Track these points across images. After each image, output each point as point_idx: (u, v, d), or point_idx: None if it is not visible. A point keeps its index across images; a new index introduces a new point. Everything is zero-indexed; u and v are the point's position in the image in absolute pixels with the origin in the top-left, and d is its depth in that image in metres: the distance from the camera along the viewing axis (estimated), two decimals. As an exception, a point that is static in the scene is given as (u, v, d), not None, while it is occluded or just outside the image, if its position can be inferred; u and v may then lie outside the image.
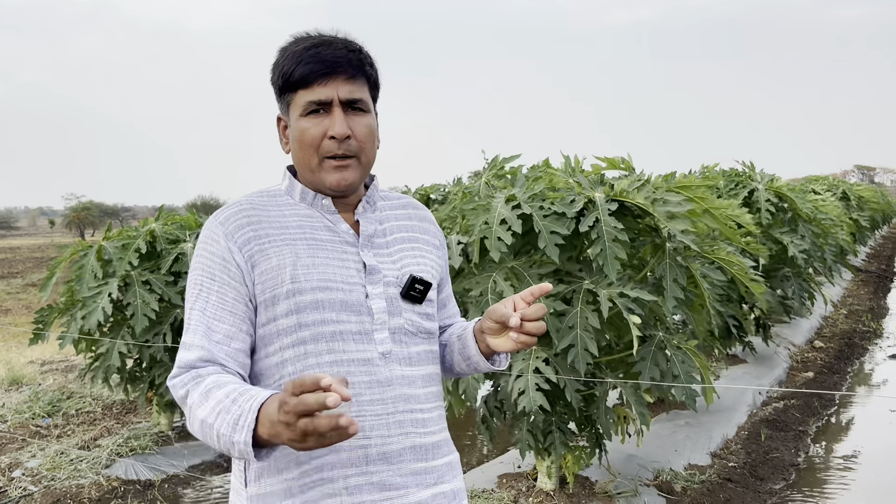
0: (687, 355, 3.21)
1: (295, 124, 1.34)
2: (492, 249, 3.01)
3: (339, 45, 1.33)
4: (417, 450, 1.34)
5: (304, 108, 1.32)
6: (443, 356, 1.54)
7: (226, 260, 1.29)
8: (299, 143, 1.33)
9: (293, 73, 1.31)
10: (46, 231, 54.17)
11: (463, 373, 1.54)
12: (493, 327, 1.39)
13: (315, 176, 1.35)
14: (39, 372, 6.81)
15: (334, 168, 1.33)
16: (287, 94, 1.34)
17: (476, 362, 1.48)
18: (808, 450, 4.97)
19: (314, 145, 1.32)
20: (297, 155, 1.35)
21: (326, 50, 1.31)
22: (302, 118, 1.32)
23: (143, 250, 4.36)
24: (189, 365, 1.25)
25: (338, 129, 1.30)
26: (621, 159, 3.42)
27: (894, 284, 14.45)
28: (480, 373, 1.51)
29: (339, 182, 1.34)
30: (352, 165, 1.34)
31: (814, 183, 11.17)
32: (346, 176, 1.34)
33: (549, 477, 3.69)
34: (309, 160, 1.33)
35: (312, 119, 1.32)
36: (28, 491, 4.01)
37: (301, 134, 1.33)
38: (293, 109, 1.34)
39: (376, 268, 1.35)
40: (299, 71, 1.30)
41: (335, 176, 1.33)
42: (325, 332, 1.29)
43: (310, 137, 1.32)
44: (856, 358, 7.79)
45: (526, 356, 3.16)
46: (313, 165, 1.33)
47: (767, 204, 5.81)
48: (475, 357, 1.47)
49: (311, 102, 1.31)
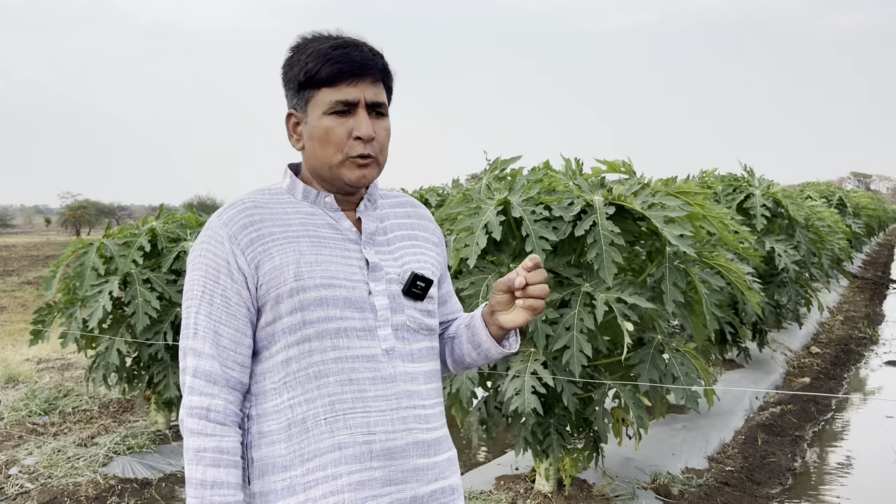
0: (686, 358, 3.22)
1: (316, 122, 1.34)
2: (470, 255, 3.04)
3: (365, 48, 1.35)
4: (420, 445, 1.35)
5: (329, 106, 1.33)
6: (451, 349, 1.55)
7: (230, 263, 1.30)
8: (322, 141, 1.34)
9: (320, 71, 1.32)
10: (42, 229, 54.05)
11: (474, 363, 1.54)
12: (501, 300, 1.41)
13: (333, 172, 1.36)
14: (36, 370, 6.79)
15: (357, 166, 1.35)
16: (308, 91, 1.35)
17: (487, 348, 1.49)
18: (805, 455, 4.99)
19: (339, 145, 1.34)
20: (316, 152, 1.36)
21: (355, 52, 1.33)
22: (325, 116, 1.33)
23: (147, 249, 4.36)
24: (207, 408, 1.28)
25: (364, 130, 1.33)
26: (622, 162, 3.44)
27: (890, 291, 14.50)
28: (491, 361, 1.53)
29: (359, 179, 1.35)
30: (371, 165, 1.36)
31: (809, 189, 11.21)
32: (367, 174, 1.36)
33: (547, 479, 3.70)
34: (331, 158, 1.35)
35: (337, 119, 1.33)
36: (25, 488, 4.01)
37: (325, 132, 1.34)
38: (314, 107, 1.35)
39: (379, 265, 1.37)
40: (328, 70, 1.31)
41: (357, 173, 1.35)
42: (329, 329, 1.30)
43: (335, 136, 1.33)
44: (852, 364, 7.81)
45: (524, 358, 3.17)
46: (335, 163, 1.35)
47: (763, 209, 5.83)
48: (486, 342, 1.48)
49: (339, 102, 1.32)
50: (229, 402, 1.29)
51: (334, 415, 1.29)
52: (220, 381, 1.29)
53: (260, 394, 1.33)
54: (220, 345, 1.29)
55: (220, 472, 1.26)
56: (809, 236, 6.29)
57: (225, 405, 1.29)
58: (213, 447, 1.27)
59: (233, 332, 1.30)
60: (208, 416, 1.28)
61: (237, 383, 1.31)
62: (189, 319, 1.31)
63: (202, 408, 1.28)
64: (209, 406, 1.28)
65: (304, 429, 1.29)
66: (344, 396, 1.30)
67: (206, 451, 1.26)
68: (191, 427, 1.28)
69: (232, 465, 1.28)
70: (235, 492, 1.27)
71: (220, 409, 1.28)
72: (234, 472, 1.28)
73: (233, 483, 1.27)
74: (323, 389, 1.29)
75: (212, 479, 1.26)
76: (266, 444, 1.30)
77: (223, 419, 1.28)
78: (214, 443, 1.27)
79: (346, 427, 1.29)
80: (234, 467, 1.28)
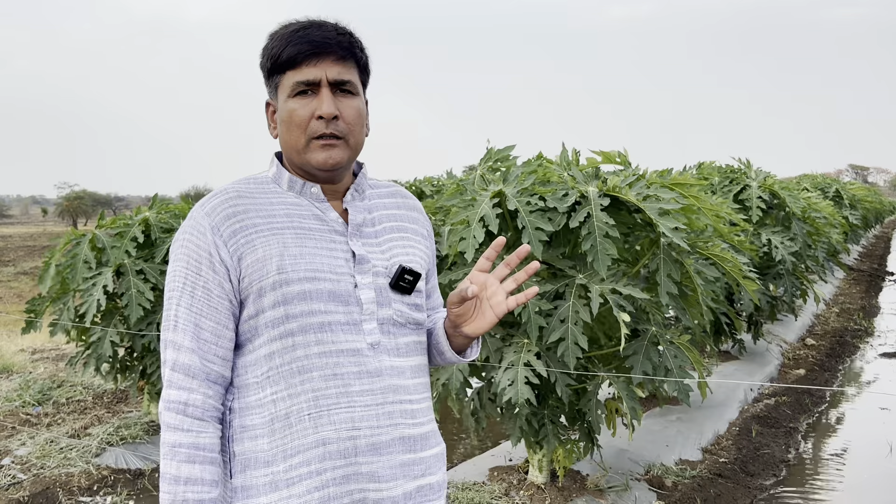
0: (680, 350, 3.21)
1: (283, 106, 1.32)
2: (468, 249, 3.02)
3: (328, 27, 1.32)
4: (406, 441, 1.33)
5: (291, 88, 1.31)
6: (428, 345, 1.53)
7: (211, 255, 1.28)
8: (287, 125, 1.32)
9: (282, 54, 1.30)
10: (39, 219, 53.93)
11: (438, 364, 1.54)
12: (459, 312, 1.38)
13: (301, 157, 1.33)
14: (30, 360, 6.78)
15: (321, 147, 1.31)
16: (275, 77, 1.33)
17: (449, 358, 1.48)
18: (799, 446, 4.99)
19: (302, 126, 1.31)
20: (284, 137, 1.34)
21: (316, 31, 1.30)
22: (290, 99, 1.31)
23: (140, 239, 4.33)
24: (184, 402, 1.26)
25: (325, 108, 1.29)
26: (617, 153, 3.42)
27: (886, 283, 14.51)
28: (458, 364, 1.53)
29: (325, 160, 1.32)
30: (339, 146, 1.32)
31: (805, 181, 11.20)
32: (333, 154, 1.32)
33: (541, 470, 3.69)
34: (296, 141, 1.32)
35: (300, 100, 1.31)
36: (17, 479, 4.00)
37: (289, 115, 1.31)
38: (281, 91, 1.33)
39: (365, 257, 1.34)
40: (288, 52, 1.29)
41: (322, 154, 1.31)
42: (313, 323, 1.28)
43: (298, 118, 1.31)
44: (847, 356, 7.82)
45: (517, 349, 3.15)
46: (300, 146, 1.32)
47: (759, 201, 5.82)
48: (447, 353, 1.47)
49: (300, 83, 1.30)
50: (208, 397, 1.28)
51: (318, 410, 1.27)
52: (199, 376, 1.27)
53: (243, 387, 1.31)
54: (200, 338, 1.27)
55: (194, 468, 1.24)
56: (806, 228, 6.28)
57: (203, 400, 1.27)
58: (188, 443, 1.25)
59: (214, 324, 1.28)
60: (186, 410, 1.26)
61: (218, 377, 1.29)
62: (170, 312, 1.29)
63: (180, 402, 1.26)
64: (187, 400, 1.26)
65: (288, 424, 1.27)
66: (328, 391, 1.28)
67: (181, 446, 1.25)
68: (168, 421, 1.26)
69: (208, 461, 1.26)
70: (210, 489, 1.26)
71: (199, 404, 1.26)
72: (210, 469, 1.26)
73: (207, 480, 1.25)
74: (307, 384, 1.27)
75: (186, 475, 1.24)
76: (248, 439, 1.29)
77: (201, 414, 1.26)
78: (191, 438, 1.25)
79: (330, 423, 1.27)
80: (209, 464, 1.26)
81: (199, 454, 1.25)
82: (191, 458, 1.25)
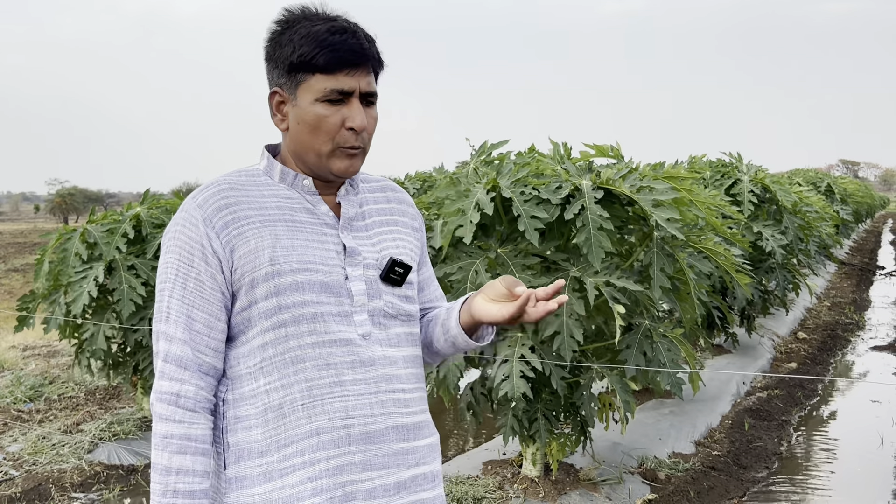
0: (673, 343, 3.22)
1: (308, 108, 1.30)
2: (465, 234, 3.01)
3: (361, 35, 1.31)
4: (400, 430, 1.33)
5: (322, 93, 1.29)
6: (425, 333, 1.51)
7: (204, 247, 1.27)
8: (313, 128, 1.31)
9: (317, 56, 1.27)
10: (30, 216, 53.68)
11: (441, 349, 1.49)
12: (501, 292, 1.34)
13: (321, 161, 1.33)
14: (22, 357, 6.75)
15: (347, 156, 1.33)
16: (300, 74, 1.30)
17: (454, 335, 1.44)
18: (791, 439, 5.02)
19: (331, 133, 1.31)
20: (303, 138, 1.32)
21: (353, 39, 1.29)
22: (318, 103, 1.29)
23: (131, 235, 4.31)
24: (176, 393, 1.26)
25: (359, 121, 1.30)
26: (610, 147, 3.42)
27: (877, 277, 14.59)
28: (458, 351, 1.49)
29: (347, 169, 1.33)
30: (359, 155, 1.34)
31: (797, 175, 11.25)
32: (354, 164, 1.34)
33: (534, 464, 3.70)
34: (321, 146, 1.31)
35: (331, 107, 1.30)
36: (9, 475, 3.98)
37: (317, 119, 1.30)
38: (305, 91, 1.30)
39: (356, 250, 1.35)
40: (325, 57, 1.27)
41: (346, 163, 1.33)
42: (305, 314, 1.28)
43: (328, 125, 1.30)
44: (839, 349, 7.86)
45: (512, 343, 3.16)
46: (324, 151, 1.32)
47: (750, 195, 5.84)
48: (454, 329, 1.43)
49: (334, 90, 1.29)
50: (200, 388, 1.27)
51: (311, 400, 1.27)
52: (191, 367, 1.27)
53: (236, 378, 1.31)
54: (192, 329, 1.27)
55: (185, 459, 1.25)
56: (797, 222, 6.30)
57: (196, 391, 1.27)
58: (180, 434, 1.25)
59: (206, 316, 1.28)
60: (178, 401, 1.26)
61: (210, 368, 1.29)
62: (162, 303, 1.29)
63: (172, 393, 1.26)
64: (179, 392, 1.26)
65: (281, 414, 1.27)
66: (321, 381, 1.28)
67: (173, 437, 1.25)
68: (159, 412, 1.26)
69: (199, 452, 1.26)
70: (201, 480, 1.26)
71: (191, 396, 1.26)
72: (201, 460, 1.26)
73: (199, 471, 1.25)
74: (300, 375, 1.28)
75: (177, 465, 1.24)
76: (242, 429, 1.29)
77: (193, 405, 1.26)
78: (182, 429, 1.25)
79: (324, 412, 1.27)
80: (201, 455, 1.26)
81: (191, 445, 1.25)
82: (182, 449, 1.25)
